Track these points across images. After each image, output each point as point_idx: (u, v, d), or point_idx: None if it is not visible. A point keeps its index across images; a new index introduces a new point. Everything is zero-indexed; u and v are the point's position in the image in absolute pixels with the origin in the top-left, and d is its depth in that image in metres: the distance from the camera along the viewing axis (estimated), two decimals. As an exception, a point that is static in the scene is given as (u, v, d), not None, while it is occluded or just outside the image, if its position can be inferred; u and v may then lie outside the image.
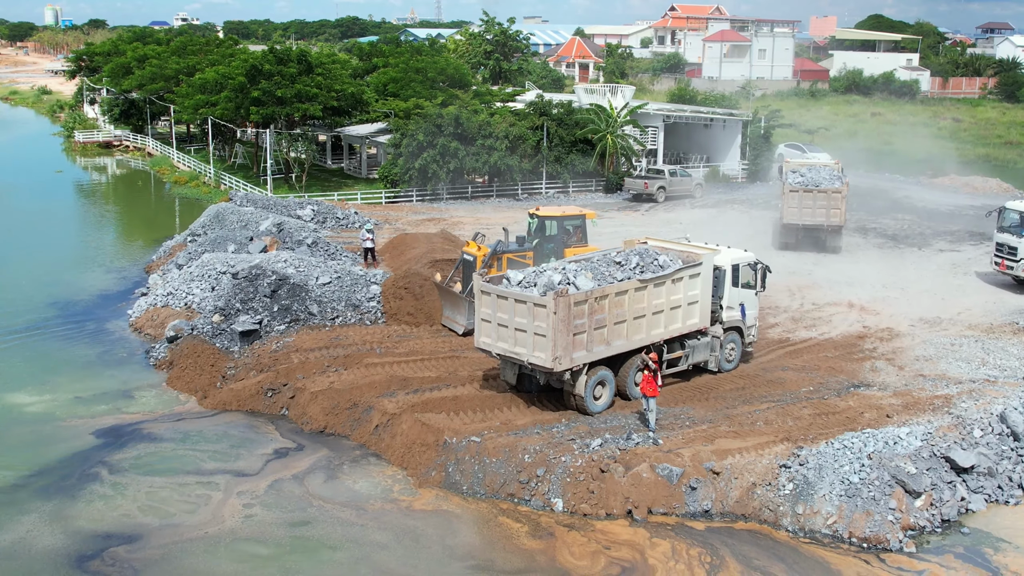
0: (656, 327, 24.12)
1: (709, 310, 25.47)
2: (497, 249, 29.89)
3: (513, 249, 30.44)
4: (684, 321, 24.83)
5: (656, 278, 23.74)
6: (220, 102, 55.37)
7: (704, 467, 20.30)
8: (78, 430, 23.63)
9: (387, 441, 22.60)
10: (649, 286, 23.60)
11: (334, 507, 20.08)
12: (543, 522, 19.41)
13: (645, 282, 23.50)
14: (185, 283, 32.36)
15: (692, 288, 24.80)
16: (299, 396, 24.70)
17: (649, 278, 23.60)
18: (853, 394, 24.78)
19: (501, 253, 29.91)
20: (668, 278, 24.01)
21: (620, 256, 24.79)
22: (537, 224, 31.09)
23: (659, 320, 24.14)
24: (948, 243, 43.89)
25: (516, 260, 29.87)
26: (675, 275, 24.17)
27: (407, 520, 19.51)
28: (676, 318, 24.58)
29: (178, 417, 24.67)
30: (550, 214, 31.19)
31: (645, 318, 23.71)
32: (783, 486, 19.73)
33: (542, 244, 30.68)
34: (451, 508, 20.00)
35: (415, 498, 20.42)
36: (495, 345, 23.13)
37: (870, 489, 19.29)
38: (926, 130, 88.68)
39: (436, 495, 20.48)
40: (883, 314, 32.21)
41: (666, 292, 24.08)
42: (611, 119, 56.55)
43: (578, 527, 19.22)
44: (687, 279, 24.57)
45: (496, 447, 21.08)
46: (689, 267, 24.58)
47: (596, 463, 20.29)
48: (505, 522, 19.43)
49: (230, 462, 22.14)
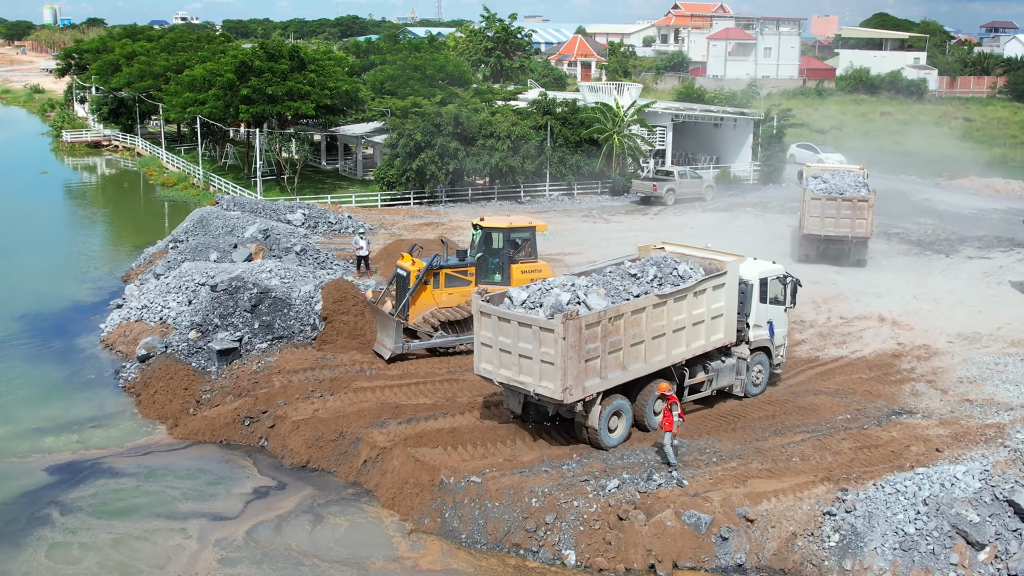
0: (677, 346, 21.61)
1: (735, 324, 22.98)
2: (433, 264, 26.53)
3: (453, 264, 27.12)
4: (708, 337, 22.34)
5: (676, 292, 21.24)
6: (208, 100, 52.84)
7: (736, 513, 17.83)
8: (31, 466, 21.13)
9: (376, 479, 20.14)
10: (669, 301, 21.10)
11: (330, 566, 17.46)
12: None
13: (664, 297, 21.01)
14: (161, 295, 29.90)
15: (716, 300, 22.27)
16: (279, 425, 22.22)
17: (669, 292, 21.11)
18: (895, 423, 22.32)
19: (438, 268, 26.61)
20: (690, 291, 21.52)
21: (635, 267, 22.30)
22: (481, 236, 27.38)
23: (680, 338, 21.64)
24: (976, 249, 41.42)
25: (456, 276, 26.86)
26: (697, 287, 21.68)
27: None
28: (699, 335, 22.09)
29: (145, 450, 22.18)
30: (496, 225, 27.48)
31: (665, 337, 21.21)
32: (828, 537, 17.27)
33: (486, 259, 27.15)
34: (460, 567, 17.48)
35: (420, 554, 17.90)
36: (497, 373, 20.62)
37: (928, 541, 16.84)
38: (937, 130, 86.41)
39: (441, 549, 18.01)
40: (917, 329, 29.77)
41: (687, 307, 21.58)
42: (618, 118, 54.02)
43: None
44: (710, 291, 22.04)
45: (499, 489, 18.61)
46: (713, 277, 22.06)
47: (613, 509, 17.82)
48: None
49: (204, 503, 19.68)
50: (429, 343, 26.23)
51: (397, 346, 25.60)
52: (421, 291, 26.48)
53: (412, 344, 25.99)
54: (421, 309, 26.49)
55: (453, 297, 26.83)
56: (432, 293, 26.64)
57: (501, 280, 26.73)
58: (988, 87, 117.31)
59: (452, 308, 26.68)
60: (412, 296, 26.29)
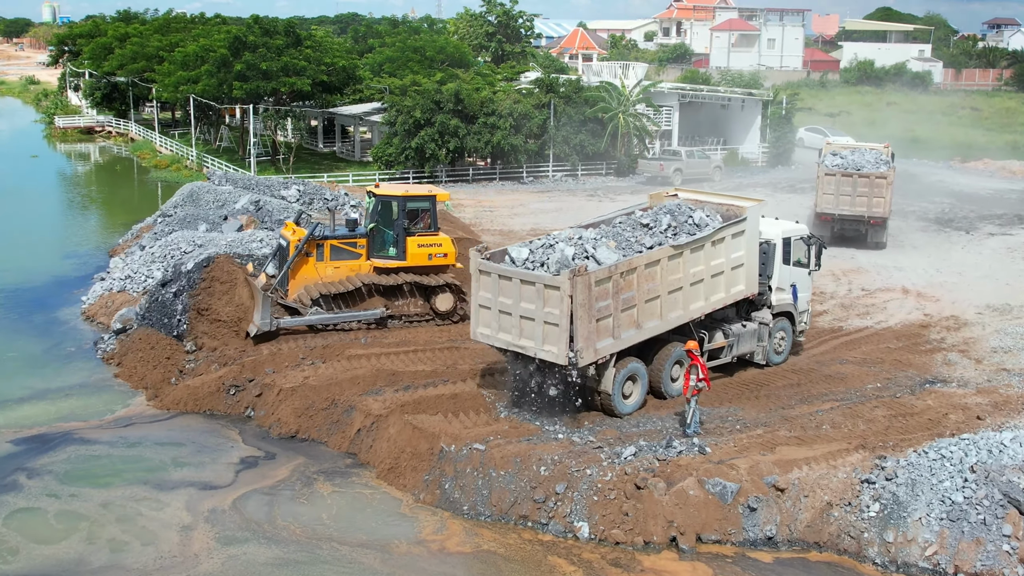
0: (695, 300, 19.96)
1: (756, 274, 21.31)
2: (315, 233, 24.09)
3: (341, 235, 24.74)
4: (728, 290, 20.66)
5: (693, 242, 19.58)
6: (202, 77, 51.12)
7: (765, 482, 16.25)
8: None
9: (371, 448, 18.59)
10: (685, 252, 19.45)
11: (351, 550, 15.66)
12: (586, 557, 15.41)
13: (680, 248, 19.35)
14: (145, 265, 28.33)
15: (736, 249, 20.57)
16: (267, 394, 20.66)
17: (685, 242, 19.45)
18: (930, 391, 20.76)
19: (321, 239, 24.20)
20: (707, 240, 19.85)
21: (647, 216, 20.59)
22: (374, 204, 24.99)
23: (698, 291, 19.98)
24: (997, 227, 39.86)
25: (344, 248, 24.52)
26: (715, 235, 20.01)
27: (445, 569, 15.23)
28: (719, 287, 20.42)
29: (126, 422, 20.57)
30: (391, 193, 25.26)
31: (682, 291, 19.57)
32: (867, 506, 15.68)
33: (380, 229, 24.85)
34: (493, 547, 15.69)
35: (445, 536, 16.16)
36: (495, 337, 19.00)
37: (978, 511, 15.25)
38: (945, 119, 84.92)
39: (465, 529, 16.27)
40: (943, 300, 28.21)
41: (705, 257, 19.92)
42: (623, 97, 52.41)
43: (623, 564, 15.24)
44: (729, 239, 20.35)
45: (504, 457, 17.03)
46: (731, 224, 20.37)
47: (630, 477, 16.22)
48: (556, 562, 15.35)
49: (197, 471, 18.16)
50: (306, 320, 23.50)
51: (264, 322, 22.81)
52: (301, 263, 23.96)
53: (285, 320, 23.36)
54: (302, 283, 23.99)
55: (340, 271, 24.40)
56: (315, 266, 24.14)
57: (396, 255, 24.58)
58: (994, 79, 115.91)
59: (332, 283, 24.10)
60: (291, 269, 23.86)
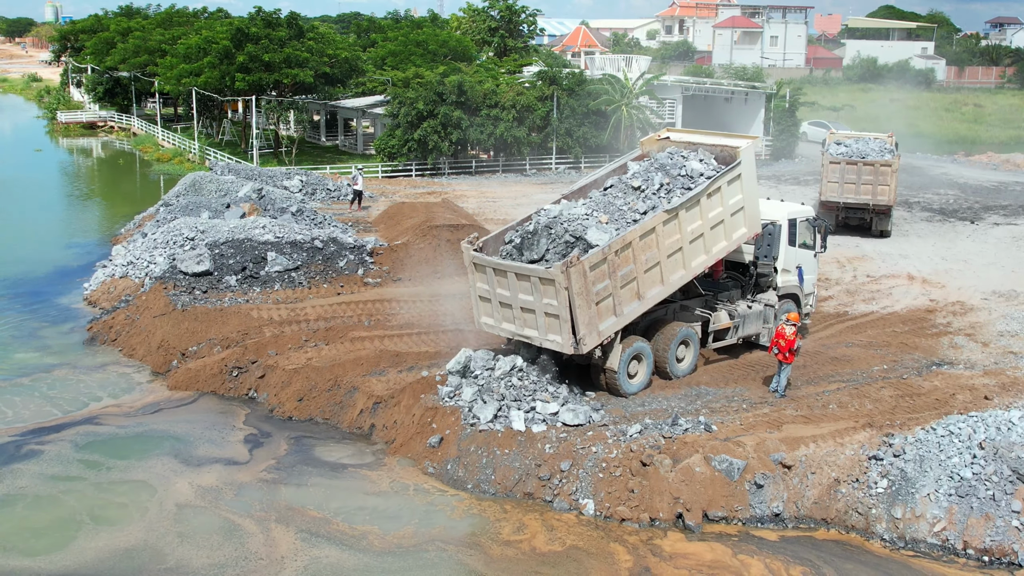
0: (696, 256, 19.57)
1: (758, 215, 20.83)
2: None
3: None
4: (730, 236, 20.23)
5: (687, 201, 19.02)
6: (204, 69, 50.98)
7: (771, 459, 16.13)
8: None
9: (375, 428, 18.46)
10: (680, 212, 18.96)
11: (456, 550, 14.94)
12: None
13: (673, 211, 18.87)
14: (148, 251, 28.19)
15: (733, 195, 20.01)
16: (270, 375, 20.53)
17: (678, 204, 18.93)
18: (937, 373, 20.65)
19: None
20: (702, 194, 19.31)
21: (638, 177, 19.96)
22: None
23: (699, 246, 19.59)
24: (1002, 217, 39.66)
25: None
26: (710, 188, 19.54)
27: (543, 569, 14.47)
28: (719, 236, 20.01)
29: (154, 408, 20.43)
30: None
31: (682, 251, 19.18)
32: (875, 483, 15.54)
33: None
34: (582, 544, 14.98)
35: (527, 536, 15.30)
36: (499, 327, 18.91)
37: (987, 486, 15.11)
38: (949, 115, 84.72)
39: (542, 522, 15.55)
40: (949, 287, 28.06)
41: (702, 211, 19.41)
42: (626, 90, 52.26)
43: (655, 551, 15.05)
44: (725, 186, 19.81)
45: (509, 435, 16.91)
46: (725, 172, 19.80)
47: (636, 455, 16.10)
48: (614, 547, 15.03)
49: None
50: None
51: None
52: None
53: None
54: None
55: None
56: None
57: None
58: (997, 77, 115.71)
59: None
60: None
